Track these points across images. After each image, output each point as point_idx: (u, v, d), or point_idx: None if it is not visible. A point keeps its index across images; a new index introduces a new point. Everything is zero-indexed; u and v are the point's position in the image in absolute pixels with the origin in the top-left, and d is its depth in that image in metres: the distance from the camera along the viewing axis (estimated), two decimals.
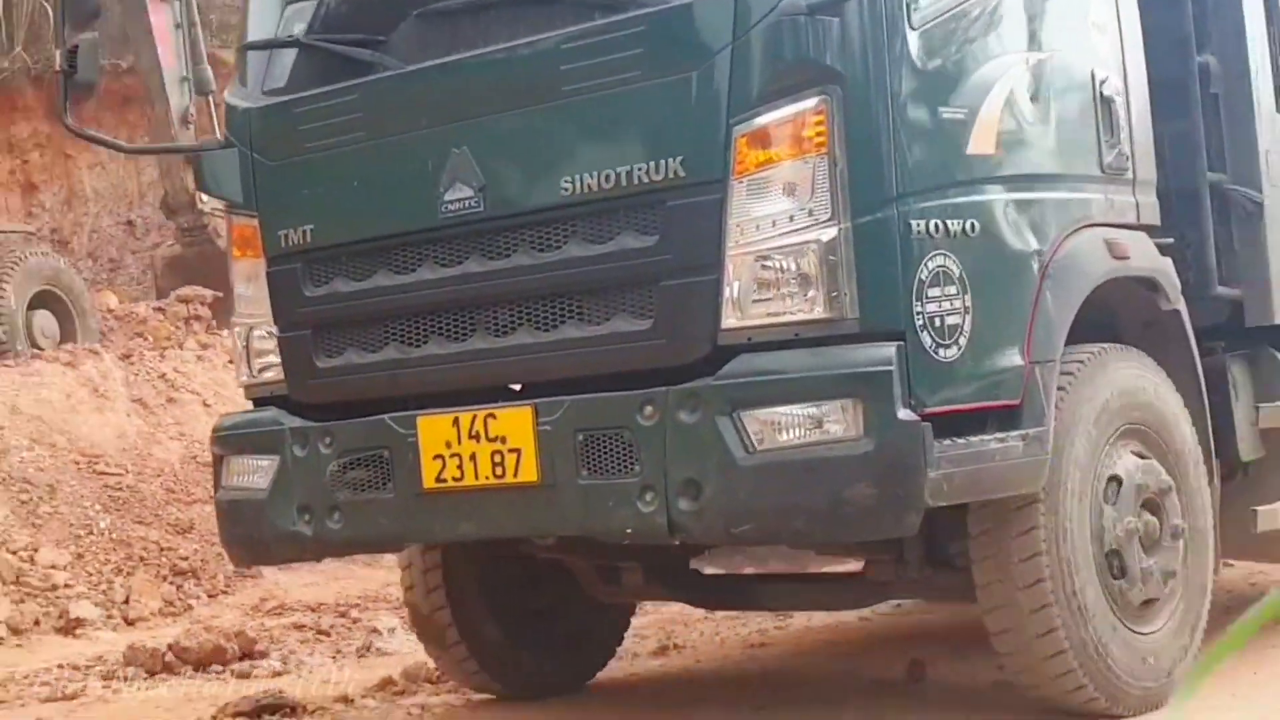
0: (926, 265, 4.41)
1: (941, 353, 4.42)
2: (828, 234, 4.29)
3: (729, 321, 4.39)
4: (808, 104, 4.33)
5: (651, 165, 4.47)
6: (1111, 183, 5.21)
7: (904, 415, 4.24)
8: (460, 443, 4.71)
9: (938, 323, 4.41)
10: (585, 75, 4.62)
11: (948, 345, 4.43)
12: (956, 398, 4.49)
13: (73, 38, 4.99)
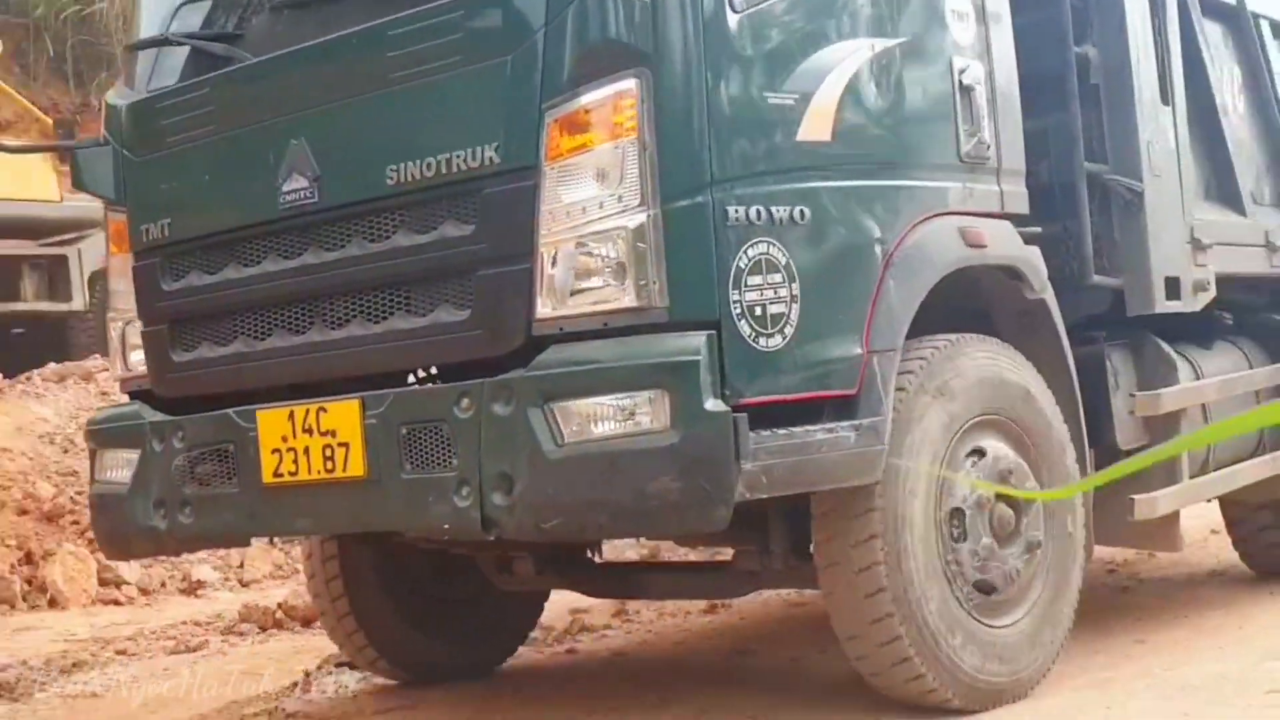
0: (746, 253, 4.16)
1: (763, 342, 4.18)
2: (636, 220, 4.05)
3: (542, 311, 4.16)
4: (616, 87, 4.09)
5: (469, 152, 4.26)
6: (971, 172, 4.98)
7: (712, 407, 3.99)
8: (295, 437, 4.53)
9: (758, 311, 4.17)
10: (409, 62, 4.40)
11: (770, 334, 4.20)
12: (780, 388, 4.26)
13: None
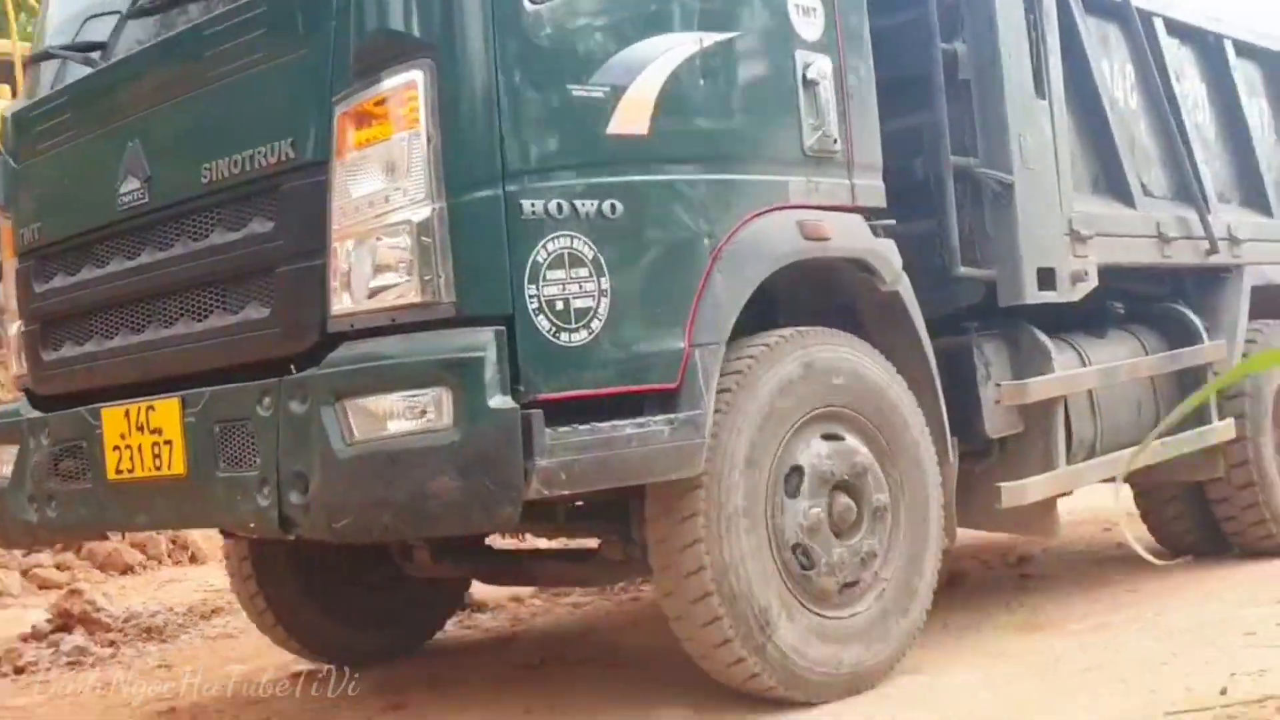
0: (545, 247, 4.02)
1: (565, 337, 4.04)
2: (421, 214, 3.90)
3: (336, 308, 4.02)
4: (400, 79, 3.94)
5: (269, 149, 4.15)
6: (817, 165, 4.83)
7: (498, 403, 3.84)
8: (131, 434, 4.46)
9: (559, 306, 4.02)
10: (220, 61, 4.30)
11: (574, 329, 4.05)
12: (586, 382, 4.10)
13: None
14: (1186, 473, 7.03)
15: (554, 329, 4.03)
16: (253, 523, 4.13)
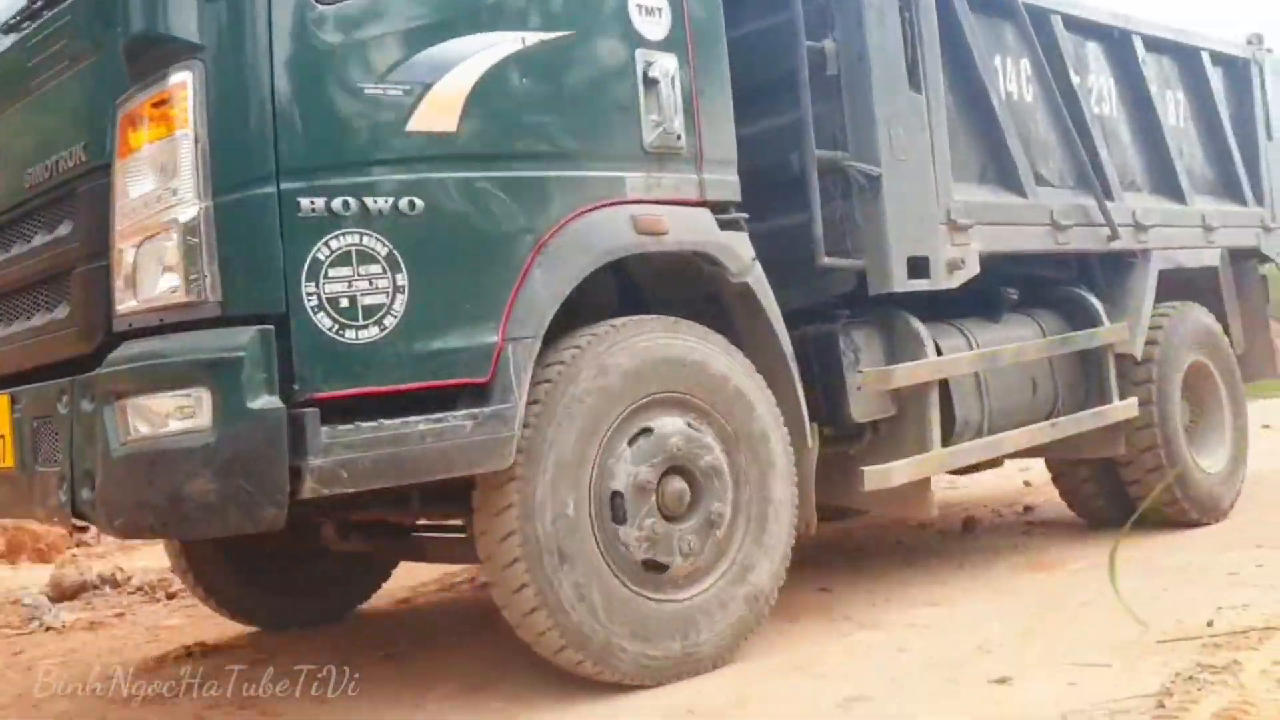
0: (328, 244, 3.90)
1: (351, 334, 3.92)
2: (188, 214, 3.79)
3: (119, 307, 3.95)
4: (171, 81, 3.84)
5: (69, 152, 4.13)
6: (659, 161, 4.75)
7: (262, 404, 3.71)
8: None
9: (345, 303, 3.91)
10: (42, 69, 4.28)
11: (363, 326, 3.94)
12: (378, 379, 3.98)
13: None
14: (1090, 449, 7.02)
15: (337, 326, 3.92)
16: (55, 517, 4.09)
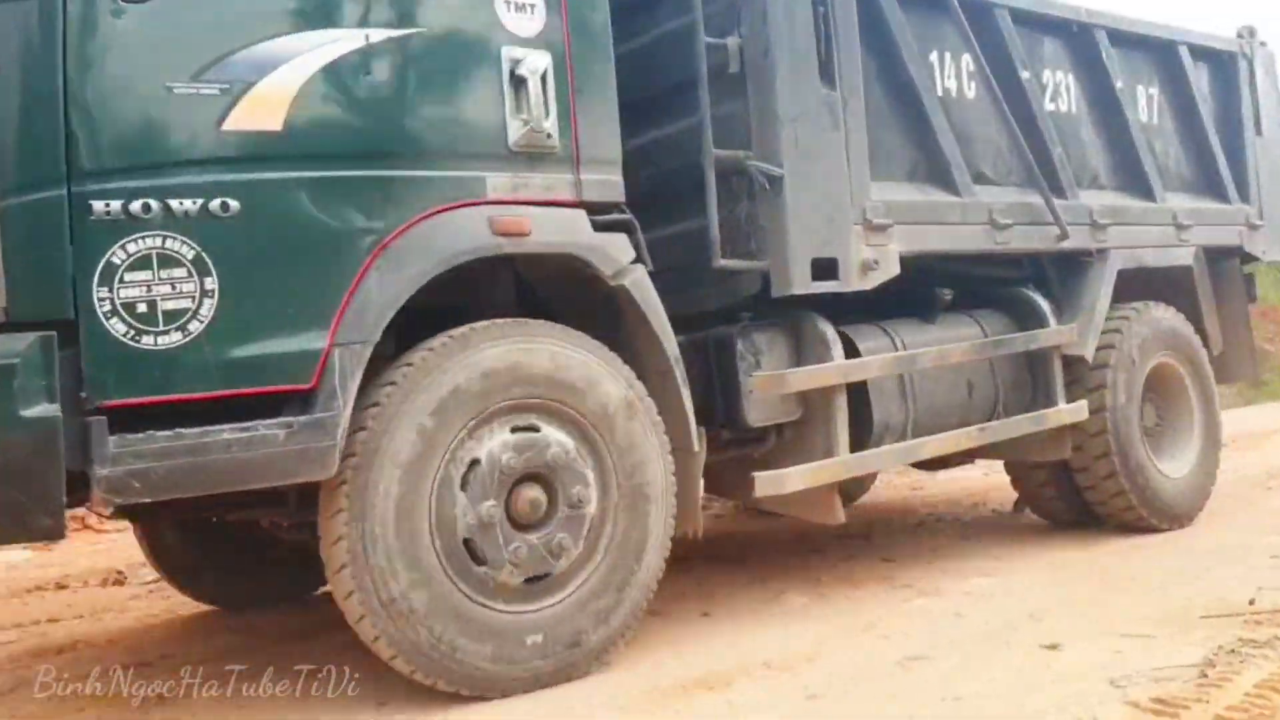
0: (125, 248, 3.76)
1: (148, 340, 3.78)
2: None
3: None
4: None
5: None
6: (528, 161, 4.58)
7: (35, 412, 3.57)
8: None
9: (143, 308, 3.76)
10: None
11: (164, 332, 3.79)
12: (181, 386, 3.82)
13: None
14: (1036, 453, 6.73)
15: (133, 332, 3.78)
16: None
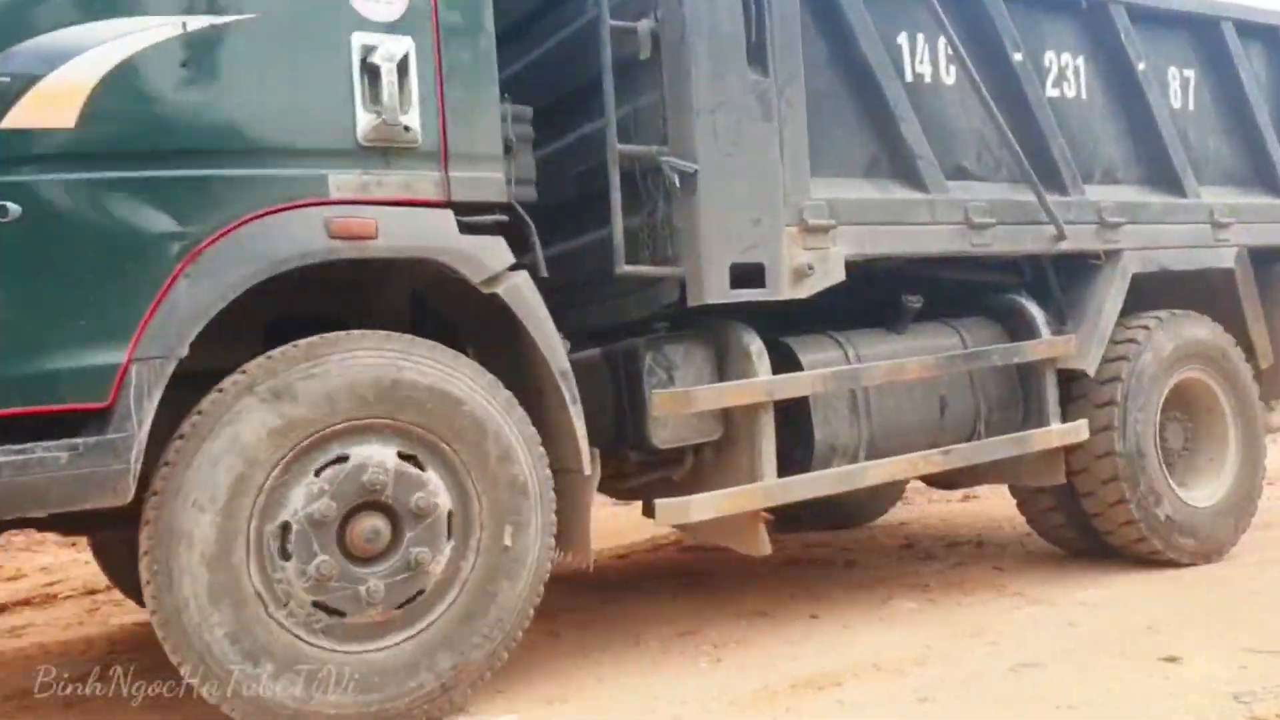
0: None
1: None
2: None
3: None
4: None
5: None
6: (383, 157, 4.12)
7: None
8: None
9: None
10: None
11: None
12: None
13: None
14: (1027, 477, 6.02)
15: None
16: None
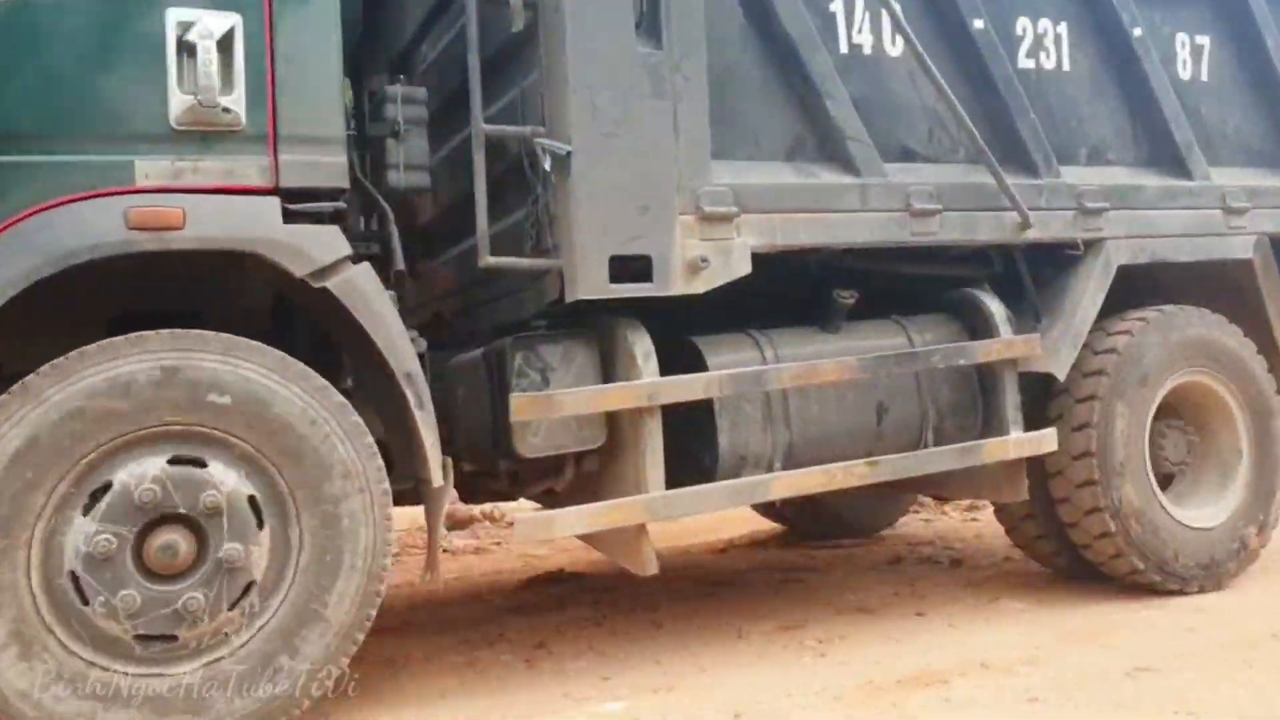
0: None
1: None
2: None
3: None
4: None
5: None
6: (200, 141, 3.81)
7: None
8: None
9: None
10: None
11: None
12: None
13: None
14: (986, 492, 5.41)
15: None
16: None
